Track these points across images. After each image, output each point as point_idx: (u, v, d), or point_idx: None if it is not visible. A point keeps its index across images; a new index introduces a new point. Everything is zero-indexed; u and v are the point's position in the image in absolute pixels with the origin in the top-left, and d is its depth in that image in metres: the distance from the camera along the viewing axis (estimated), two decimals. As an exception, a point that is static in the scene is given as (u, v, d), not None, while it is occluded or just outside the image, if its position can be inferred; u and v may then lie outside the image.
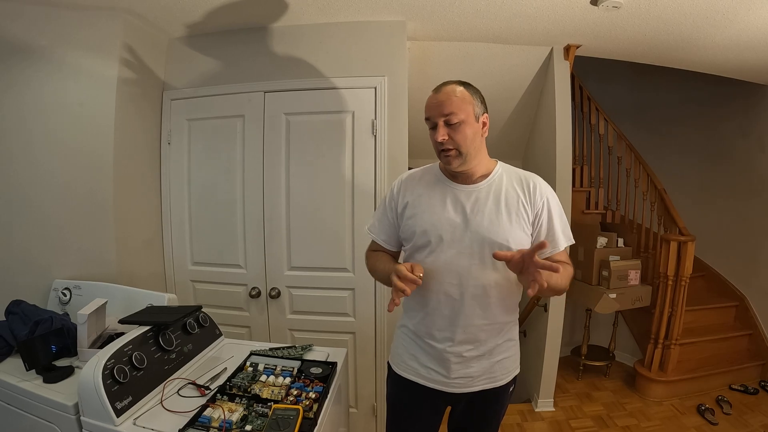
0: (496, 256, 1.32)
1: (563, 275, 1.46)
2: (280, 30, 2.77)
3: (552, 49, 3.24)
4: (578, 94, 4.37)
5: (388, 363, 1.78)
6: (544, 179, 1.58)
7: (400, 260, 1.74)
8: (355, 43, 2.73)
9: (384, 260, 1.68)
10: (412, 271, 1.38)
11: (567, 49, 3.22)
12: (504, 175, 1.60)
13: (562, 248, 1.56)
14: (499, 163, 1.64)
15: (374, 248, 1.78)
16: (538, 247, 1.23)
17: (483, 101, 1.53)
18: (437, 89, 1.50)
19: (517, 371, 1.69)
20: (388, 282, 1.53)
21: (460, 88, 1.47)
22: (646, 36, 2.91)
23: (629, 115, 5.23)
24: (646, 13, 2.57)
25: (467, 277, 1.49)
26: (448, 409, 1.74)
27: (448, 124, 1.44)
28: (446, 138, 1.44)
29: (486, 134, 1.55)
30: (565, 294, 3.42)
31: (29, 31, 2.42)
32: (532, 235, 1.54)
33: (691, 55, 3.27)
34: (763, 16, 2.55)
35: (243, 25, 2.77)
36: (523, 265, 1.29)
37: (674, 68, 3.61)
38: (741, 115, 4.37)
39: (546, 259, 1.45)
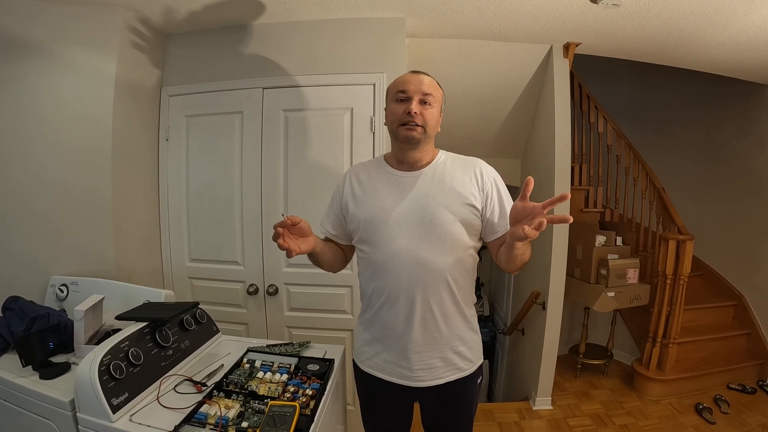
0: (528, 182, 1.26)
1: (528, 248, 1.47)
2: (279, 26, 2.76)
3: (551, 46, 3.24)
4: (578, 92, 4.36)
5: (353, 360, 1.77)
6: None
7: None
8: (354, 40, 2.72)
9: None
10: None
11: (566, 47, 3.21)
12: (447, 160, 1.63)
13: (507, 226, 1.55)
14: (442, 150, 1.67)
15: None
16: (559, 199, 1.21)
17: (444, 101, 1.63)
18: (415, 72, 1.56)
19: (481, 361, 1.69)
20: (316, 260, 1.63)
21: (435, 80, 1.57)
22: (646, 34, 2.90)
23: (628, 114, 5.22)
24: (646, 11, 2.57)
25: (420, 263, 1.49)
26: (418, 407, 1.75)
27: (422, 102, 1.49)
28: (418, 112, 1.47)
29: (438, 130, 1.60)
30: (562, 292, 3.43)
31: (26, 25, 2.41)
32: (482, 217, 1.55)
33: (691, 54, 3.26)
34: (764, 15, 2.55)
35: (242, 21, 2.76)
36: (528, 214, 1.26)
37: (674, 67, 3.60)
38: (741, 115, 4.36)
39: (499, 238, 1.53)
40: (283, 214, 1.41)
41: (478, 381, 1.69)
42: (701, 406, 3.48)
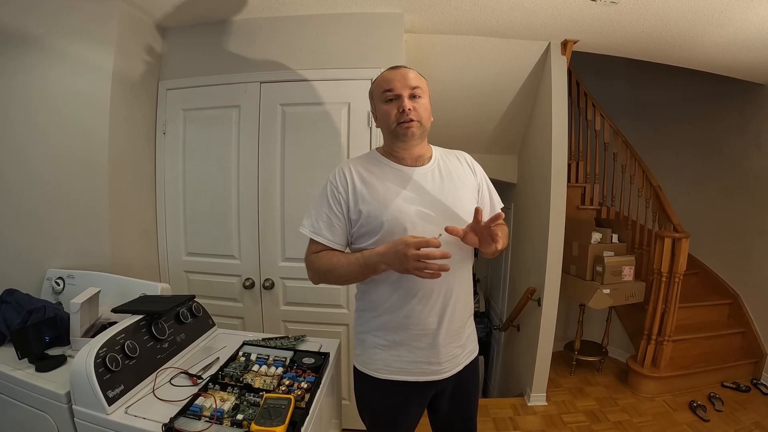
0: (448, 230, 1.34)
1: (505, 233, 1.55)
2: (277, 20, 2.76)
3: (549, 43, 3.24)
4: (575, 89, 4.37)
5: (357, 370, 1.67)
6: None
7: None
8: (352, 35, 2.73)
9: (343, 255, 1.56)
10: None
11: (564, 45, 3.21)
12: (443, 154, 1.66)
13: (498, 211, 1.66)
14: (431, 145, 1.68)
15: (317, 250, 1.60)
16: (495, 218, 1.32)
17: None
18: (396, 67, 1.54)
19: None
20: (359, 276, 1.50)
21: (415, 71, 1.54)
22: (644, 33, 2.91)
23: (626, 111, 5.24)
24: (644, 9, 2.57)
25: (451, 259, 1.45)
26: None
27: (412, 96, 1.47)
28: (411, 108, 1.46)
29: (432, 119, 1.60)
30: (558, 289, 3.43)
31: (22, 17, 2.39)
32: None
33: (689, 53, 3.27)
34: (761, 15, 2.56)
35: (240, 15, 2.76)
36: (481, 235, 1.38)
37: (672, 65, 3.61)
38: (737, 113, 4.37)
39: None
40: (440, 234, 1.34)
41: (479, 359, 1.76)
42: (695, 404, 3.49)
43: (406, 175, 1.55)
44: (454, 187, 1.54)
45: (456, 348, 1.59)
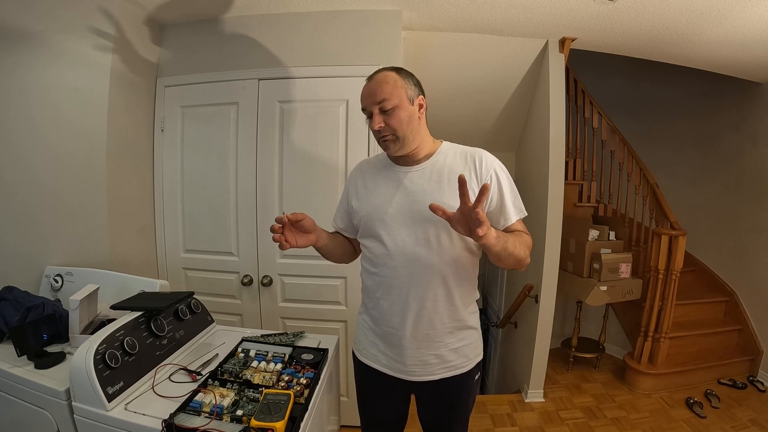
0: (431, 208, 1.26)
1: (521, 242, 1.44)
2: (275, 17, 2.76)
3: (547, 41, 3.24)
4: (573, 87, 4.38)
5: (352, 349, 1.79)
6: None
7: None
8: (350, 32, 2.73)
9: (330, 235, 1.73)
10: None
11: (562, 42, 3.21)
12: (448, 152, 1.58)
13: (513, 220, 1.53)
14: (445, 142, 1.63)
15: (332, 231, 1.81)
16: (480, 194, 1.17)
17: (418, 84, 1.54)
18: (369, 78, 1.52)
19: (479, 358, 1.67)
20: (322, 253, 1.72)
21: (391, 74, 1.48)
22: (642, 31, 2.91)
23: (623, 109, 5.25)
24: (642, 7, 2.58)
25: (414, 260, 1.48)
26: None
27: (382, 111, 1.45)
28: (382, 125, 1.45)
29: (423, 116, 1.55)
30: (555, 285, 3.44)
31: (19, 13, 2.37)
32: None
33: (686, 51, 3.27)
34: (759, 14, 2.57)
35: (238, 12, 2.76)
36: (468, 219, 1.24)
37: (669, 63, 3.61)
38: (734, 111, 4.38)
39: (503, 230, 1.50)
40: (284, 213, 1.43)
41: (476, 377, 1.67)
42: (692, 401, 3.52)
43: (397, 176, 1.57)
44: (439, 190, 1.48)
45: (429, 356, 1.55)
